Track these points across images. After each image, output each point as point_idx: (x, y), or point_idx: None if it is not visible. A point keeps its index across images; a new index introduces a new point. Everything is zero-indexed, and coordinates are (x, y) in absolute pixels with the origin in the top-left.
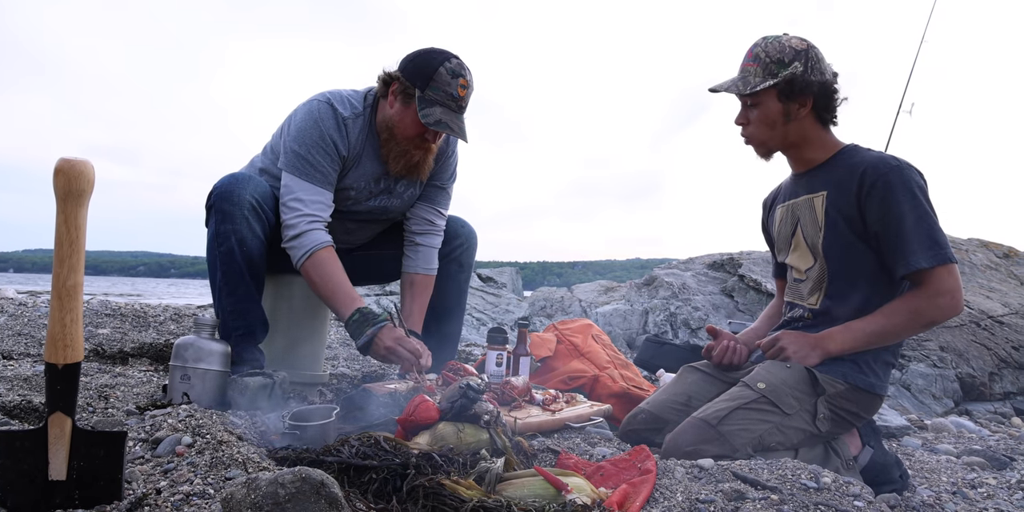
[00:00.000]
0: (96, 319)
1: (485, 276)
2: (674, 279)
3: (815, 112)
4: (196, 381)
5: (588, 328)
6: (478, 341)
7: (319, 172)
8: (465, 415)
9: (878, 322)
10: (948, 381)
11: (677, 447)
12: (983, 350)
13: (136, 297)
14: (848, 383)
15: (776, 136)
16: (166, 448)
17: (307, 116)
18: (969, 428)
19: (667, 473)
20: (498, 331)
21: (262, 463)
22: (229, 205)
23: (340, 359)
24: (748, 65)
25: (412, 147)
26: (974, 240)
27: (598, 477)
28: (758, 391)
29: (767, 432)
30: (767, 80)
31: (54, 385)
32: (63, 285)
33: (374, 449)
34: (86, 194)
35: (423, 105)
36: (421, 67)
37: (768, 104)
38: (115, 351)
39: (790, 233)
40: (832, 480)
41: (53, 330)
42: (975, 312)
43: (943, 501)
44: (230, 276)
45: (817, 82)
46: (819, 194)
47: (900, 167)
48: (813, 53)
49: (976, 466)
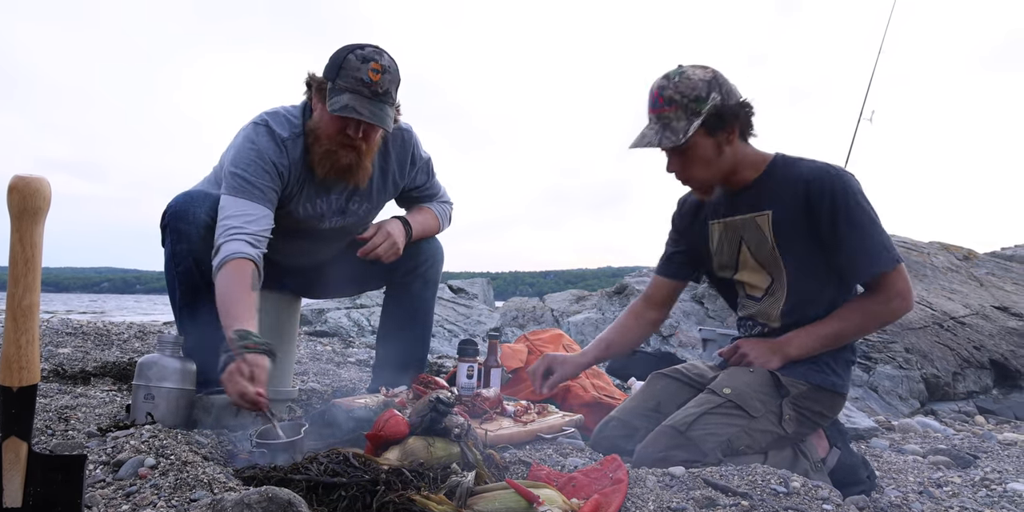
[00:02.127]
0: (56, 338)
1: (456, 287)
2: (645, 287)
3: (739, 132)
4: (160, 400)
5: (559, 338)
6: (449, 353)
7: (256, 188)
8: (435, 429)
9: (835, 325)
10: (914, 382)
11: (648, 454)
12: (946, 351)
13: (99, 315)
14: (810, 383)
15: (714, 172)
16: (128, 470)
17: (244, 140)
18: (935, 428)
19: (639, 482)
20: (469, 343)
21: (228, 483)
22: (184, 224)
23: (310, 374)
24: (664, 110)
25: (337, 147)
26: (935, 243)
27: (570, 488)
28: (724, 396)
29: (735, 436)
30: (693, 121)
31: (8, 409)
32: (18, 305)
33: (343, 466)
34: (42, 212)
35: (332, 95)
36: (333, 59)
37: (699, 144)
38: (76, 371)
39: (735, 252)
40: (801, 484)
41: (7, 352)
42: (938, 313)
43: (910, 501)
44: (189, 295)
45: (737, 106)
46: (763, 213)
47: (841, 176)
48: (721, 78)
49: (942, 465)
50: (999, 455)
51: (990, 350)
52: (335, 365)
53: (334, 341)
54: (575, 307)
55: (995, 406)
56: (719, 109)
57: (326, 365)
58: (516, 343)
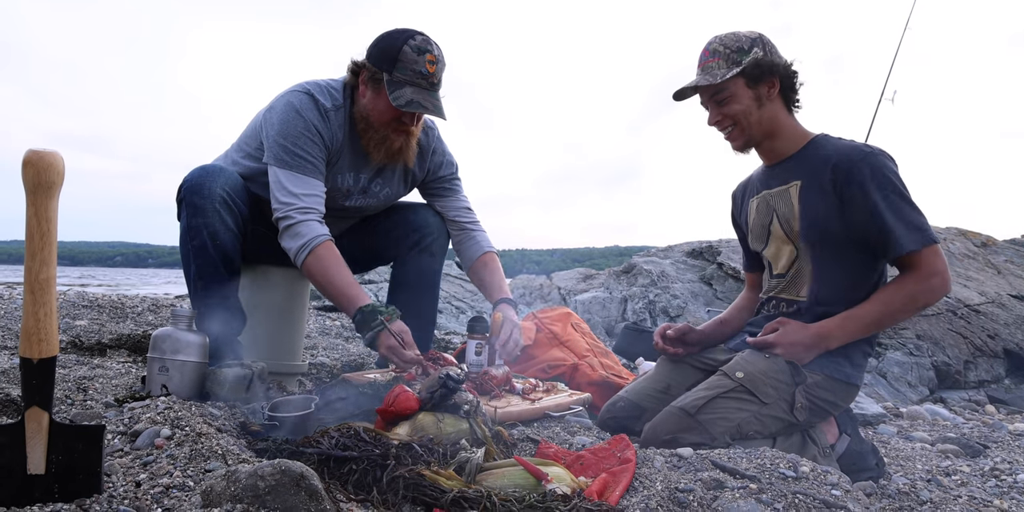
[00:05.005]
0: (73, 310)
1: None
2: (653, 267)
3: (782, 95)
4: (174, 373)
5: (567, 316)
6: (457, 329)
7: (308, 163)
8: (445, 405)
9: (876, 309)
10: (924, 369)
11: (656, 435)
12: (959, 339)
13: (114, 287)
14: (825, 373)
15: (753, 123)
16: (145, 441)
17: (288, 107)
18: (943, 416)
19: (646, 462)
20: (478, 320)
21: (242, 455)
22: (200, 198)
23: (319, 348)
24: (709, 62)
25: (391, 132)
26: (952, 229)
27: (578, 466)
28: (736, 380)
29: (745, 421)
30: (732, 68)
31: (30, 380)
32: (35, 279)
33: (354, 440)
34: (56, 186)
35: (393, 88)
36: (385, 50)
37: (739, 93)
38: (93, 343)
39: (767, 223)
40: (810, 469)
41: (27, 324)
42: (952, 301)
43: (918, 489)
44: (204, 270)
45: (780, 64)
46: (793, 183)
47: (873, 154)
48: (767, 39)
49: (950, 453)
50: (1010, 445)
51: (1004, 339)
52: (344, 340)
53: (343, 316)
54: (582, 285)
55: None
56: (759, 61)
57: (335, 340)
58: (524, 320)
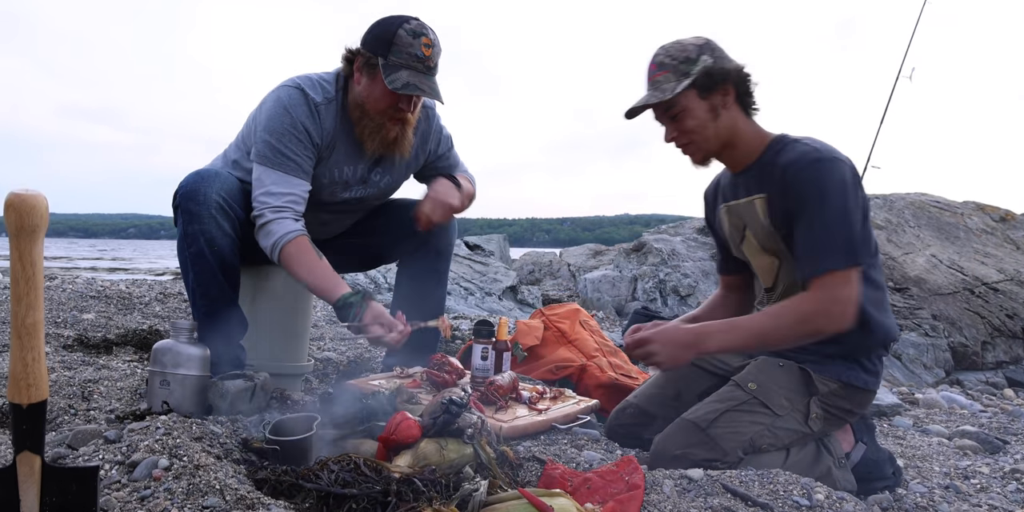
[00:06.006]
0: (81, 302)
1: (472, 244)
2: (663, 245)
3: (738, 101)
4: (175, 387)
5: (576, 313)
6: (465, 312)
7: (292, 161)
8: (448, 430)
9: (763, 323)
10: (940, 351)
11: (666, 450)
12: (976, 318)
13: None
14: (841, 381)
15: (710, 137)
16: (143, 472)
17: (276, 103)
18: (960, 403)
19: (655, 487)
20: (484, 323)
21: (240, 490)
22: (195, 205)
23: (326, 340)
24: (657, 76)
25: (387, 120)
26: (970, 203)
27: (584, 490)
28: (749, 392)
29: (758, 434)
30: (682, 81)
31: (20, 424)
32: (22, 323)
33: (353, 474)
34: (40, 229)
35: (388, 71)
36: (379, 35)
37: (692, 106)
38: (99, 339)
39: (740, 238)
40: (825, 497)
41: (15, 370)
42: (969, 279)
43: (936, 501)
44: (203, 277)
45: (731, 69)
46: (758, 197)
47: (819, 161)
48: (714, 44)
49: (968, 450)
50: None
51: None
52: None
53: None
54: (592, 262)
55: None
56: (709, 70)
57: (342, 328)
58: (531, 319)
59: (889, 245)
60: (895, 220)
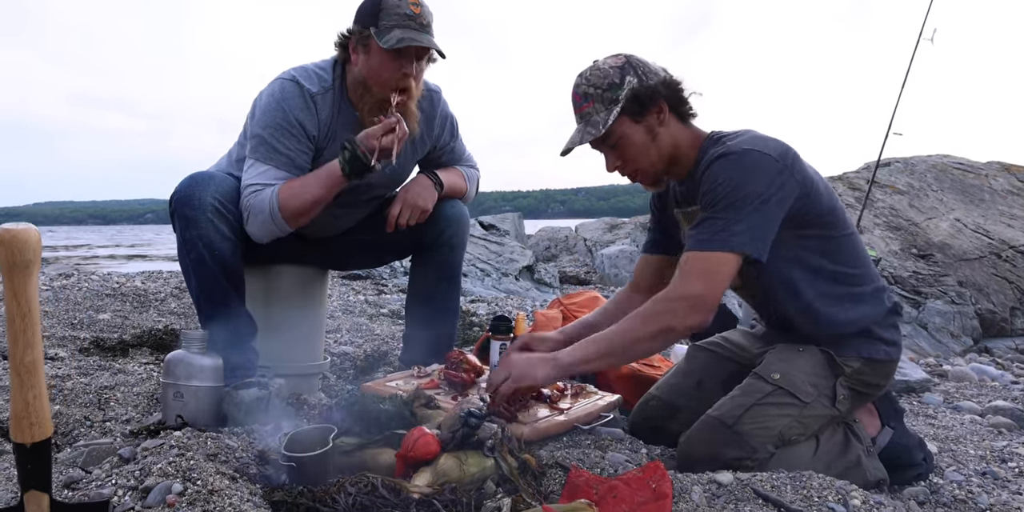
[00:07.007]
0: (97, 302)
1: (487, 224)
2: None
3: (674, 113)
4: (189, 398)
5: (595, 301)
6: (482, 294)
7: (283, 156)
8: (468, 443)
9: (611, 328)
10: (967, 318)
11: (694, 451)
12: (1004, 284)
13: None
14: (863, 357)
15: (654, 160)
16: (156, 498)
17: (270, 98)
18: (991, 374)
19: (683, 494)
20: (501, 319)
21: None
22: (190, 210)
23: (343, 332)
24: (584, 108)
25: (390, 92)
26: (994, 163)
27: (611, 499)
28: (773, 382)
29: (786, 427)
30: (612, 109)
31: (25, 464)
32: (21, 362)
33: (371, 497)
34: (33, 264)
35: (381, 35)
36: (366, 7)
37: (628, 133)
38: (115, 341)
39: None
40: (862, 502)
41: (16, 409)
42: (995, 242)
43: (975, 493)
44: (205, 282)
45: (659, 83)
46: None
47: (724, 156)
48: (636, 60)
49: (1003, 428)
50: None
51: None
52: (368, 318)
53: (367, 285)
54: (608, 236)
55: None
56: (637, 92)
57: (359, 318)
58: (550, 308)
59: (911, 210)
60: (917, 184)
